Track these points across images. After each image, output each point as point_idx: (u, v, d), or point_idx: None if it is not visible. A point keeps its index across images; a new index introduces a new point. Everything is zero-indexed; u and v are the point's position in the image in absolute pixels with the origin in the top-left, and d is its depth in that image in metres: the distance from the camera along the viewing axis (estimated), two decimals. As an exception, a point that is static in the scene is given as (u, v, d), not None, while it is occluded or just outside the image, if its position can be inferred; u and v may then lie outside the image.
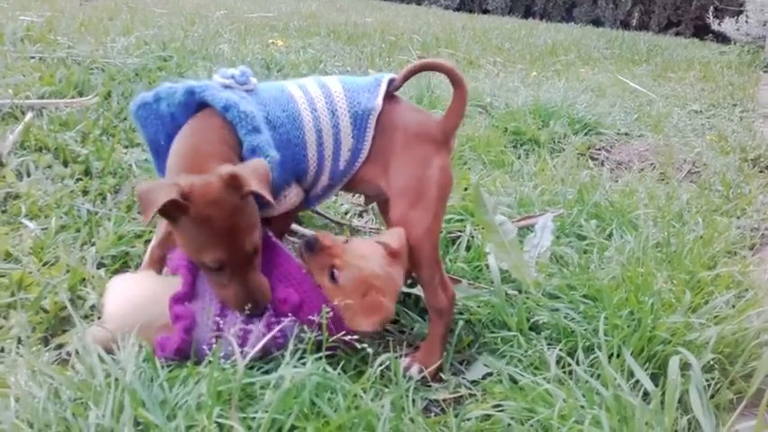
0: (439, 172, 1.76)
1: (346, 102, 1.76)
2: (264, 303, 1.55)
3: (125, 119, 3.19)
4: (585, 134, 4.38)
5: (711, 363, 1.72)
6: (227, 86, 1.65)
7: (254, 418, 1.31)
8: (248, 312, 1.52)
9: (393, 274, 1.65)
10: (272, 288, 1.59)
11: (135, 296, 1.59)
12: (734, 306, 1.98)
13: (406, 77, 1.82)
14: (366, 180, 1.82)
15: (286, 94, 1.74)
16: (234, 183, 1.41)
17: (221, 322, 1.52)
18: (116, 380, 1.31)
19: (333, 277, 1.61)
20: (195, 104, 1.63)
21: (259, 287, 1.54)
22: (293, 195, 1.75)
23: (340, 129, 1.75)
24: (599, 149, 4.26)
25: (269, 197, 1.44)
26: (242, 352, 1.43)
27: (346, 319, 1.59)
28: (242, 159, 1.59)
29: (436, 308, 1.79)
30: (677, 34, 13.44)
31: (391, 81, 1.81)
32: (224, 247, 1.44)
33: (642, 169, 3.81)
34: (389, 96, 1.81)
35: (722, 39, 12.03)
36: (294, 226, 2.40)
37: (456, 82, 1.79)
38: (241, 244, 1.47)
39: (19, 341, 1.60)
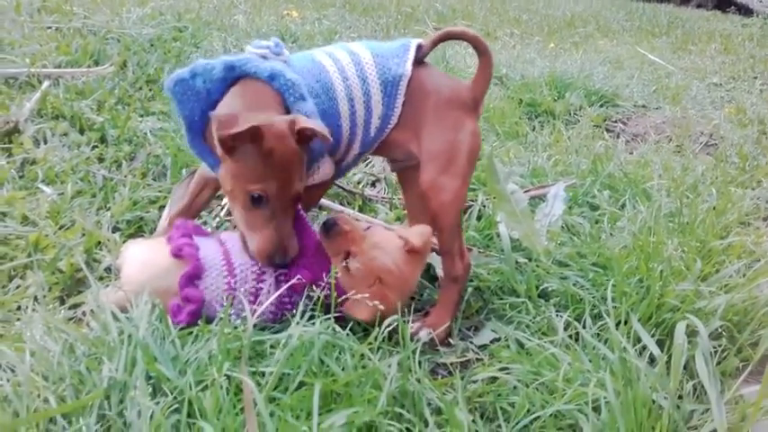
0: (470, 137, 1.77)
1: (376, 69, 1.76)
2: (292, 253, 1.58)
3: (140, 88, 3.21)
4: (602, 106, 4.34)
5: (719, 330, 1.73)
6: (263, 57, 1.66)
7: (264, 373, 1.34)
8: (276, 261, 1.56)
9: (405, 273, 1.65)
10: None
11: (153, 263, 1.61)
12: (744, 275, 1.97)
13: (434, 45, 1.82)
14: (397, 144, 1.82)
15: (317, 65, 1.74)
16: (294, 126, 1.50)
17: (233, 282, 1.55)
18: (129, 336, 1.34)
19: (345, 262, 1.63)
20: (233, 79, 1.64)
21: (290, 236, 1.59)
22: (326, 167, 1.76)
23: (371, 96, 1.75)
24: (615, 121, 4.22)
25: (321, 137, 1.54)
26: (252, 310, 1.46)
27: (346, 306, 1.61)
28: None
29: (452, 275, 1.80)
30: (699, 6, 13.14)
31: (418, 46, 1.80)
32: (277, 179, 1.51)
33: (658, 141, 3.78)
34: (418, 62, 1.80)
35: (745, 11, 11.77)
36: (323, 200, 2.42)
37: (481, 50, 1.80)
38: (291, 181, 1.53)
39: (35, 300, 1.64)
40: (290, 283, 1.55)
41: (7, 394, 1.25)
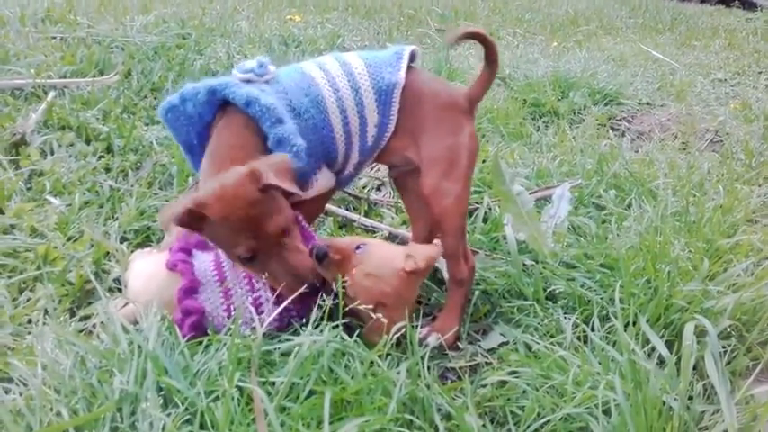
0: (469, 140, 1.78)
1: (369, 78, 1.76)
2: (305, 278, 1.57)
3: (145, 97, 3.23)
4: (606, 105, 4.33)
5: (728, 330, 1.72)
6: (247, 81, 1.66)
7: (274, 383, 1.35)
8: (308, 286, 1.56)
9: (403, 293, 1.64)
10: None
11: (158, 275, 1.62)
12: (752, 273, 1.97)
13: (459, 40, 1.86)
14: (395, 151, 1.83)
15: (307, 78, 1.74)
16: (254, 177, 1.47)
17: (229, 302, 1.56)
18: (139, 348, 1.35)
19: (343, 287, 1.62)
20: (218, 102, 1.65)
21: (298, 264, 1.57)
22: (324, 179, 1.77)
23: (364, 106, 1.76)
24: (619, 120, 4.21)
25: (288, 188, 1.51)
26: (260, 319, 1.46)
27: (365, 334, 1.61)
28: (269, 152, 1.62)
29: (457, 278, 1.81)
30: (703, 2, 13.07)
31: (411, 54, 1.81)
32: (248, 235, 1.50)
33: (663, 139, 3.77)
34: (410, 68, 1.81)
35: (749, 5, 11.73)
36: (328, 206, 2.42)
37: (492, 59, 1.86)
38: (264, 229, 1.51)
39: (46, 313, 1.65)
40: (297, 293, 1.55)
41: (20, 408, 1.25)
